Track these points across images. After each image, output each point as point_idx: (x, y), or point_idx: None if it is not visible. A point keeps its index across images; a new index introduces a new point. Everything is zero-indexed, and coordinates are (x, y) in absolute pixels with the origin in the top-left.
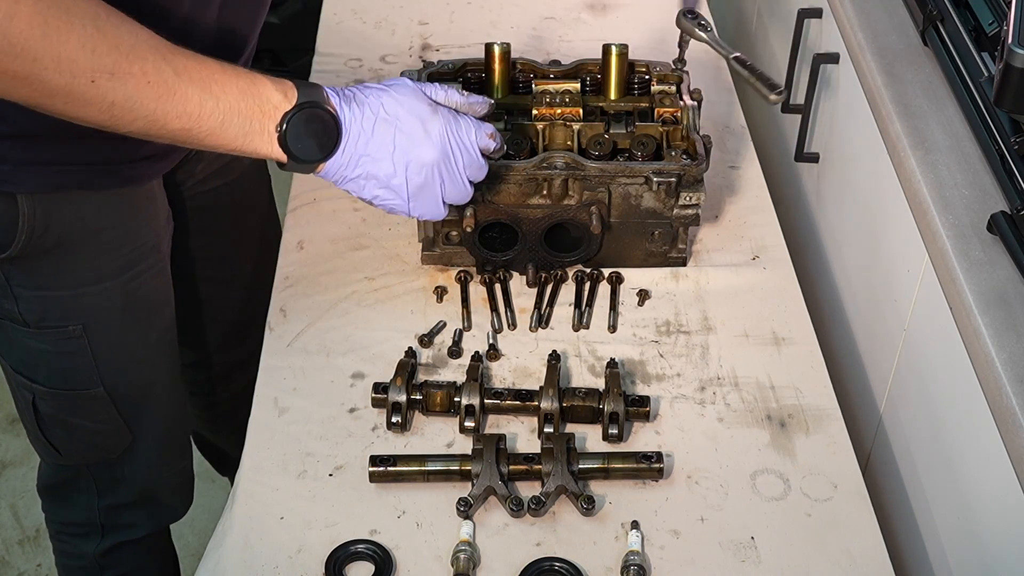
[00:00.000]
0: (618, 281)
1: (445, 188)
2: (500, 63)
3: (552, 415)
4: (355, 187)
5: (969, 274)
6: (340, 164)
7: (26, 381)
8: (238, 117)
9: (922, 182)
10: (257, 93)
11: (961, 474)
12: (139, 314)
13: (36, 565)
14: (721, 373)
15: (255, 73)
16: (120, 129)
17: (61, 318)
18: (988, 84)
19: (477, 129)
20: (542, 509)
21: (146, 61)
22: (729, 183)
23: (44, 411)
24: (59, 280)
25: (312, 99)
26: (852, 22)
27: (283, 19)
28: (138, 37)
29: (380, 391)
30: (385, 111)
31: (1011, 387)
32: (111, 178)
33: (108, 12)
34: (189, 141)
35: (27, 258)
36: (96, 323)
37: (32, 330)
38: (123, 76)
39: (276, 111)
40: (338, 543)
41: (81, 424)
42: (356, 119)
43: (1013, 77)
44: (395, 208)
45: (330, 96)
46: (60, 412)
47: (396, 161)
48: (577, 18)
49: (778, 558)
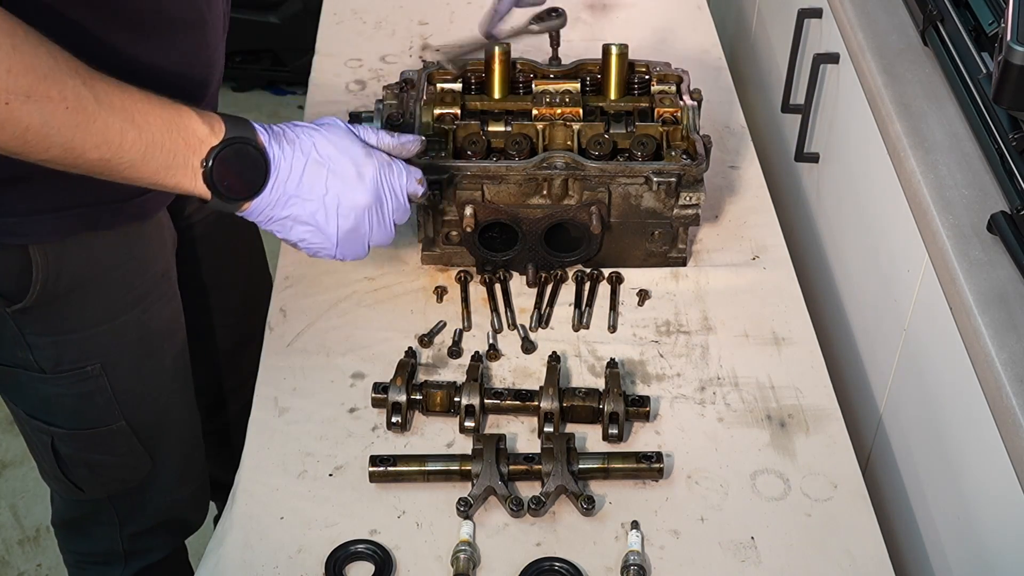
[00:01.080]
0: (618, 281)
1: (372, 232)
2: (500, 63)
3: (552, 415)
4: (280, 228)
5: (969, 274)
6: (267, 203)
7: (43, 425)
8: (161, 150)
9: (922, 182)
10: (183, 125)
11: (961, 474)
12: (154, 344)
13: (36, 565)
14: (721, 373)
15: (181, 105)
16: (32, 157)
17: (77, 360)
18: (987, 81)
19: (408, 175)
20: (542, 509)
21: (65, 85)
22: (729, 183)
23: (65, 452)
24: (74, 323)
25: (240, 135)
26: (852, 22)
27: (283, 19)
28: (57, 60)
29: (380, 391)
30: (317, 152)
31: (1011, 387)
32: (119, 216)
33: (26, 31)
34: (107, 173)
35: (40, 306)
36: (113, 360)
37: (48, 375)
38: (40, 99)
39: (202, 145)
40: (338, 543)
41: (102, 460)
42: (287, 158)
43: (1012, 74)
44: (320, 252)
45: (259, 133)
46: (82, 452)
47: (327, 204)
48: (577, 18)
49: (778, 558)
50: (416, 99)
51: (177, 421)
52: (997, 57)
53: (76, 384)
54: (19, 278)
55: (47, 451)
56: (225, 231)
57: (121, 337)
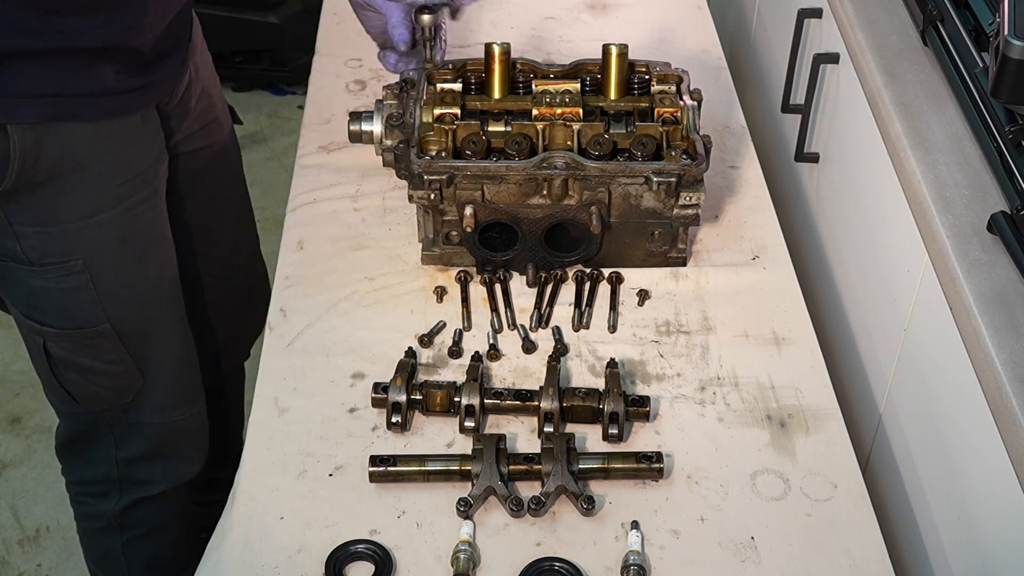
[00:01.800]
0: (618, 281)
1: None
2: (500, 63)
3: (552, 415)
4: None
5: (969, 274)
6: None
7: (36, 325)
8: None
9: (922, 182)
10: None
11: (961, 474)
12: (137, 248)
13: (36, 565)
14: (721, 373)
15: None
16: None
17: (62, 254)
18: (983, 75)
19: None
20: (542, 509)
21: None
22: (729, 183)
23: (55, 354)
24: (56, 215)
25: None
26: (852, 22)
27: (283, 19)
28: None
29: (380, 391)
30: None
31: (1011, 387)
32: (96, 109)
33: None
34: None
35: (22, 192)
36: (96, 257)
37: (36, 268)
38: None
39: None
40: (338, 543)
41: (91, 365)
42: None
43: (1009, 68)
44: None
45: None
46: (71, 354)
47: None
48: (577, 18)
49: (778, 558)
50: (416, 99)
51: (167, 336)
52: (992, 50)
53: (61, 279)
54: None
55: (40, 353)
56: (216, 171)
57: (102, 235)
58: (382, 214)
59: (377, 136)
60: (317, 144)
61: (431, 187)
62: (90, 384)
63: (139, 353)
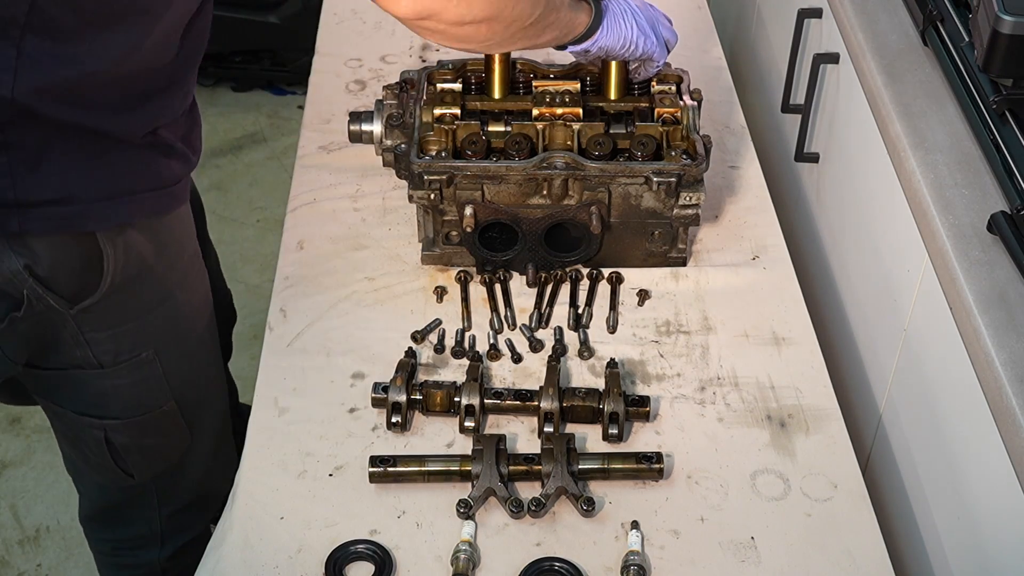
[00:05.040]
0: (618, 281)
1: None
2: (500, 63)
3: (552, 415)
4: None
5: (969, 274)
6: None
7: (95, 420)
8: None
9: (922, 182)
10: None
11: (961, 474)
12: (193, 320)
13: (36, 565)
14: (721, 373)
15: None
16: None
17: (133, 348)
18: (969, 49)
19: None
20: (542, 511)
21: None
22: (729, 183)
23: (119, 442)
24: (131, 313)
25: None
26: (852, 22)
27: (283, 19)
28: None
29: (380, 391)
30: None
31: (1011, 387)
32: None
33: None
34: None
35: (102, 300)
36: (164, 342)
37: (107, 370)
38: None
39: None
40: (338, 543)
41: (154, 443)
42: None
43: (1001, 43)
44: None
45: None
46: (136, 438)
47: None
48: None
49: (778, 558)
50: (416, 99)
51: (212, 390)
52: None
53: (133, 372)
54: (85, 274)
55: (99, 445)
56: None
57: (169, 319)
58: (382, 214)
59: (377, 136)
60: (317, 144)
61: (431, 187)
62: (149, 459)
63: (191, 416)
